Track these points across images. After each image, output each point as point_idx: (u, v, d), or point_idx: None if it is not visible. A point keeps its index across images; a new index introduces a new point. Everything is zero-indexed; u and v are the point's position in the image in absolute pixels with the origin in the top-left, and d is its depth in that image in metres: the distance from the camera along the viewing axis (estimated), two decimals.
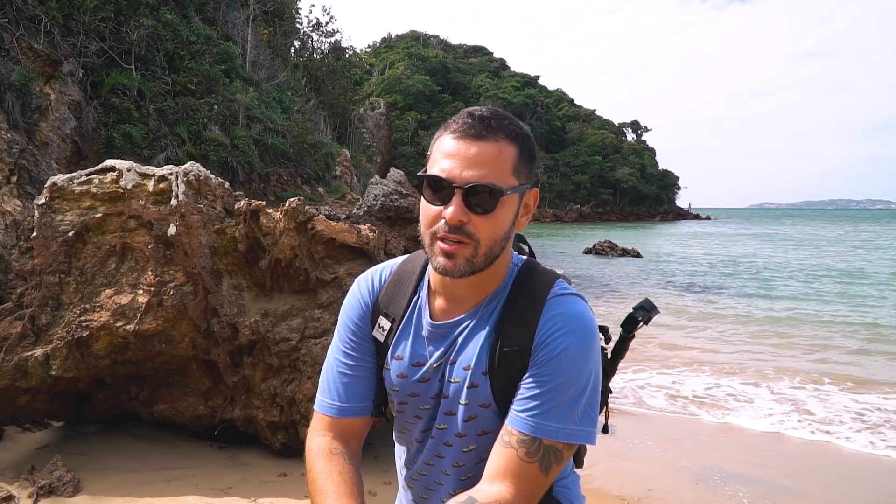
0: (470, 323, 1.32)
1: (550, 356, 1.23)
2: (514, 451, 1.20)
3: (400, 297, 1.41)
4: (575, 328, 1.25)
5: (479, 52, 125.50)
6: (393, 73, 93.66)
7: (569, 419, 1.21)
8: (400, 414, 1.43)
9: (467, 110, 1.26)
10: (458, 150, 1.21)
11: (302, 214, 4.22)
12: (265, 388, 4.09)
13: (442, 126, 1.29)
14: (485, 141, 1.21)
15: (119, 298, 3.90)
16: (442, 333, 1.34)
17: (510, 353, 1.26)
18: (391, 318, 1.39)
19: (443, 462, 1.38)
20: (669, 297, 14.93)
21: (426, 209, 1.24)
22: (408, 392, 1.37)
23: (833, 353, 8.88)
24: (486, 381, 1.28)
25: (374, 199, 9.41)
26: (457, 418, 1.32)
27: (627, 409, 6.17)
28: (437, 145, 1.26)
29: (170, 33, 14.09)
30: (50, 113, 9.19)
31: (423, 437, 1.40)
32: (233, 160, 13.77)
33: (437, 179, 1.21)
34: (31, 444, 4.28)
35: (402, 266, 1.46)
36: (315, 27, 33.57)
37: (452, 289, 1.33)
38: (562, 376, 1.22)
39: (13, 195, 6.52)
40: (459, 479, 1.37)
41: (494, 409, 1.29)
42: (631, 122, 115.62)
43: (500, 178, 1.21)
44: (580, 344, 1.24)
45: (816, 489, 4.42)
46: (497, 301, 1.33)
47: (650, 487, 4.24)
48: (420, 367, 1.35)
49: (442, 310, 1.36)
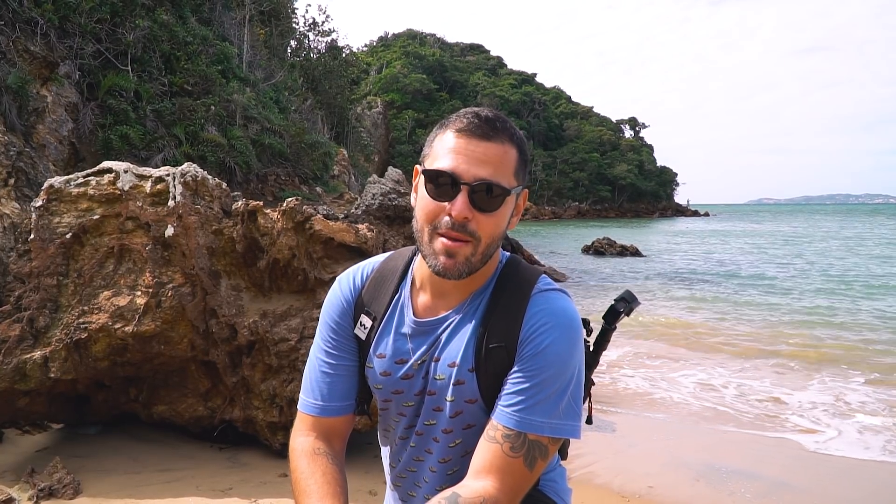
0: (454, 319, 1.33)
1: (536, 351, 1.24)
2: (500, 445, 1.20)
3: (382, 294, 1.41)
4: (559, 323, 1.26)
5: (476, 50, 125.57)
6: (390, 72, 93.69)
7: (554, 414, 1.22)
8: (384, 412, 1.43)
9: (472, 110, 1.26)
10: (465, 148, 1.22)
11: (300, 214, 4.21)
12: (264, 389, 4.09)
13: (441, 123, 1.29)
14: (491, 142, 1.22)
15: (117, 300, 3.89)
16: (425, 330, 1.34)
17: (496, 349, 1.27)
18: (372, 316, 1.39)
19: (430, 458, 1.38)
20: (668, 293, 14.94)
21: (426, 204, 1.24)
22: (391, 389, 1.37)
23: (834, 351, 8.88)
24: (472, 377, 1.29)
25: (372, 198, 9.41)
26: (444, 414, 1.33)
27: (627, 406, 6.17)
28: (439, 141, 1.26)
29: (166, 34, 14.09)
30: (47, 115, 9.18)
31: (408, 433, 1.40)
32: (230, 160, 13.78)
33: (442, 175, 1.21)
34: (30, 446, 4.28)
35: (385, 263, 1.46)
36: (311, 27, 33.56)
37: (439, 285, 1.33)
38: (547, 371, 1.22)
39: (11, 198, 6.51)
40: (445, 473, 1.37)
41: (481, 405, 1.30)
42: (629, 118, 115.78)
43: (504, 178, 1.23)
44: (565, 339, 1.25)
45: (818, 485, 4.42)
46: (481, 298, 1.33)
47: (651, 484, 4.24)
48: (403, 364, 1.35)
49: (426, 306, 1.36)
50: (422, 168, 1.29)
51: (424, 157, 1.30)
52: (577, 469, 4.40)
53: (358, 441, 3.96)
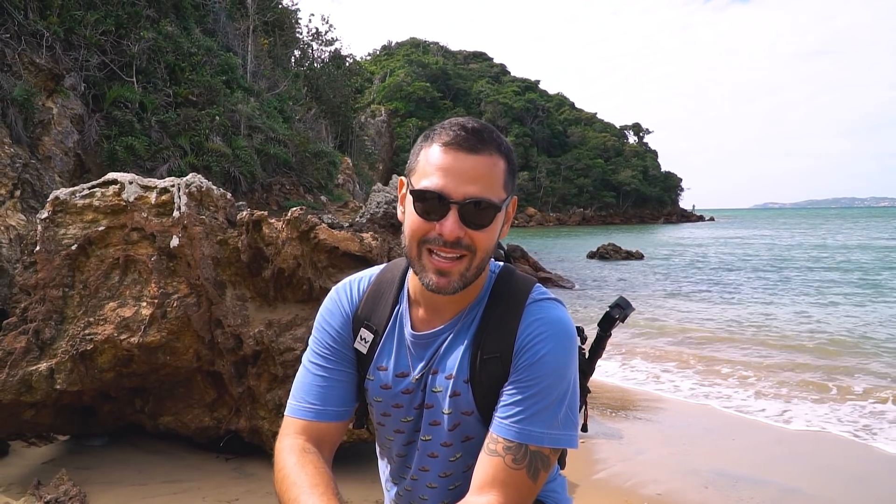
0: (451, 332, 1.31)
1: (531, 361, 1.22)
2: (501, 458, 1.18)
3: (381, 307, 1.38)
4: (555, 333, 1.24)
5: (480, 57, 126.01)
6: (393, 81, 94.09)
7: (553, 424, 1.20)
8: (382, 427, 1.41)
9: (458, 122, 1.23)
10: (452, 164, 1.18)
11: (304, 224, 4.21)
12: (270, 399, 4.08)
13: (426, 135, 1.26)
14: (479, 155, 1.19)
15: (122, 311, 3.90)
16: (424, 344, 1.33)
17: (491, 360, 1.26)
18: (374, 330, 1.36)
19: (428, 475, 1.36)
20: (674, 298, 14.90)
21: (415, 222, 1.21)
22: (391, 403, 1.35)
23: (843, 359, 8.82)
24: (467, 389, 1.27)
25: (376, 206, 9.42)
26: (442, 428, 1.31)
27: (635, 413, 6.13)
28: (425, 156, 1.23)
29: (170, 45, 14.18)
30: (52, 127, 9.23)
31: (407, 450, 1.38)
32: (235, 170, 13.83)
33: (431, 194, 1.18)
34: (36, 458, 4.27)
35: (381, 276, 1.44)
36: (315, 36, 33.75)
37: (433, 300, 1.31)
38: (544, 381, 1.21)
39: (17, 209, 6.54)
40: (447, 489, 1.35)
41: (477, 417, 1.28)
42: (632, 124, 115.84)
43: (494, 192, 1.20)
44: (561, 348, 1.24)
45: (828, 491, 4.38)
46: (477, 309, 1.32)
47: (659, 491, 4.21)
48: (404, 377, 1.34)
49: (423, 320, 1.34)
50: (407, 182, 1.26)
51: (410, 172, 1.26)
52: (585, 477, 4.37)
53: (366, 451, 3.94)
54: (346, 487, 3.77)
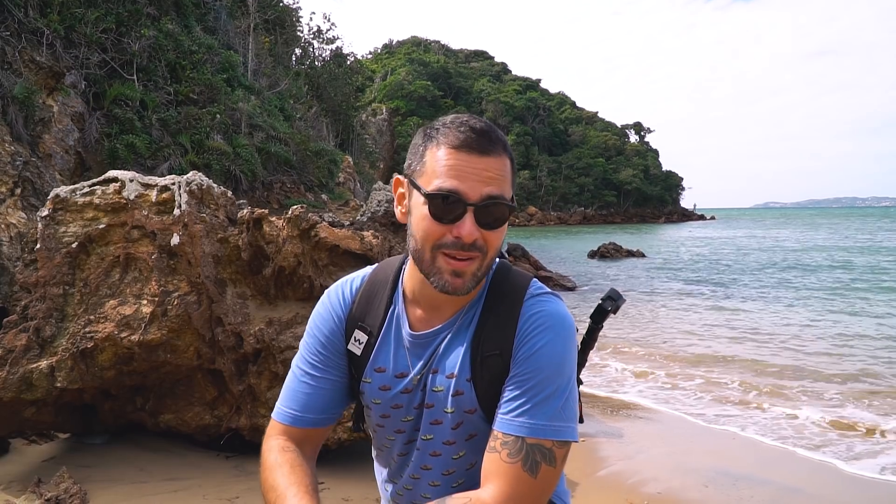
0: (450, 331, 1.31)
1: (530, 353, 1.22)
2: (498, 454, 1.18)
3: (375, 308, 1.37)
4: (553, 325, 1.24)
5: (481, 56, 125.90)
6: (394, 79, 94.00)
7: (553, 416, 1.19)
8: (380, 429, 1.40)
9: (463, 121, 1.21)
10: (466, 166, 1.17)
11: (305, 222, 4.21)
12: (271, 397, 4.07)
13: (428, 134, 1.24)
14: (490, 156, 1.19)
15: (123, 309, 3.90)
16: (422, 343, 1.32)
17: (491, 357, 1.26)
18: (368, 331, 1.36)
19: (430, 473, 1.35)
20: (674, 296, 14.90)
21: (429, 226, 1.19)
22: (390, 405, 1.34)
23: (844, 359, 8.82)
24: (470, 387, 1.27)
25: (377, 205, 9.43)
26: (444, 427, 1.31)
27: (635, 412, 6.13)
28: (433, 157, 1.20)
29: (171, 43, 14.18)
30: (53, 125, 9.23)
31: (407, 449, 1.37)
32: (236, 169, 13.82)
33: (447, 196, 1.16)
34: (37, 456, 4.27)
35: (374, 276, 1.43)
36: (316, 35, 33.71)
37: (433, 299, 1.31)
38: (542, 373, 1.21)
39: (17, 207, 6.54)
40: (450, 486, 1.35)
41: (480, 414, 1.28)
42: (633, 123, 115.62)
43: (506, 192, 1.21)
44: (558, 340, 1.24)
45: (829, 491, 4.38)
46: (476, 307, 1.31)
47: (660, 490, 4.21)
48: (403, 378, 1.33)
49: (420, 319, 1.33)
50: (409, 182, 1.25)
51: (415, 173, 1.24)
52: (586, 475, 4.37)
53: (366, 449, 3.94)
54: (346, 486, 3.77)
